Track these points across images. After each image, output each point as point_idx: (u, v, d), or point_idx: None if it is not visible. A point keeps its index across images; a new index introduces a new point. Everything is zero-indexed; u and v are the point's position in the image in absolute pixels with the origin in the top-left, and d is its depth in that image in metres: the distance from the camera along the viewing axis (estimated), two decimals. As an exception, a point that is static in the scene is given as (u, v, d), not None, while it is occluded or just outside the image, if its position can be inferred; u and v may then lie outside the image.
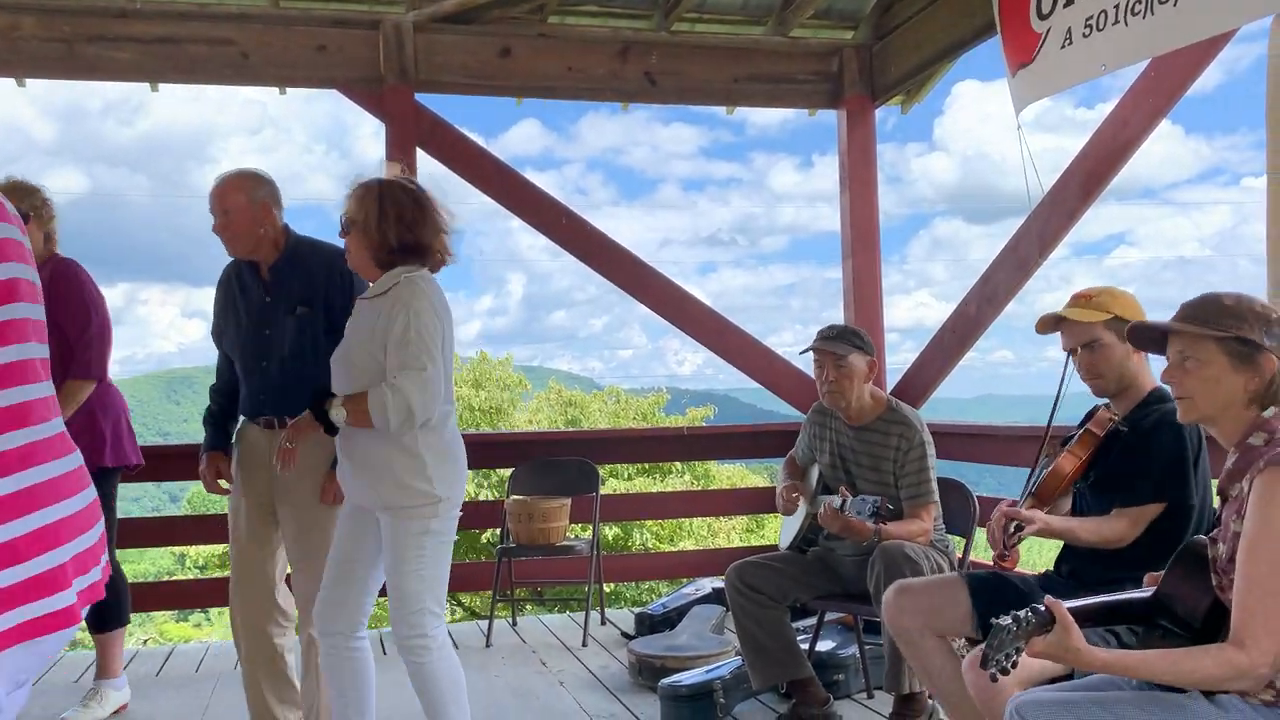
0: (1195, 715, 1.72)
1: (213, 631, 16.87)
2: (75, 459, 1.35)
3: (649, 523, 12.65)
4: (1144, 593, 1.96)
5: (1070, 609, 1.73)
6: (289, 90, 5.12)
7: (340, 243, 2.71)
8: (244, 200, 2.99)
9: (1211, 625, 1.79)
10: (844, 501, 3.12)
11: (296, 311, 2.99)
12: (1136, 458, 2.51)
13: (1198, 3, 2.91)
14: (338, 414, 2.54)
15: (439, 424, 2.61)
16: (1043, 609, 1.69)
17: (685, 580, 5.47)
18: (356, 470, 2.62)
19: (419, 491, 2.56)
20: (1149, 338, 1.99)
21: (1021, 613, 1.67)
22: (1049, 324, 2.65)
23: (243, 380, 3.09)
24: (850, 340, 3.33)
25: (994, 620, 1.65)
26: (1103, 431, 2.59)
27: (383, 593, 2.76)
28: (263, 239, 3.01)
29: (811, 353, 3.36)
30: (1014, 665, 1.66)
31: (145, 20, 4.67)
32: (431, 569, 2.61)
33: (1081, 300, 2.62)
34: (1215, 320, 1.82)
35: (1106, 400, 2.66)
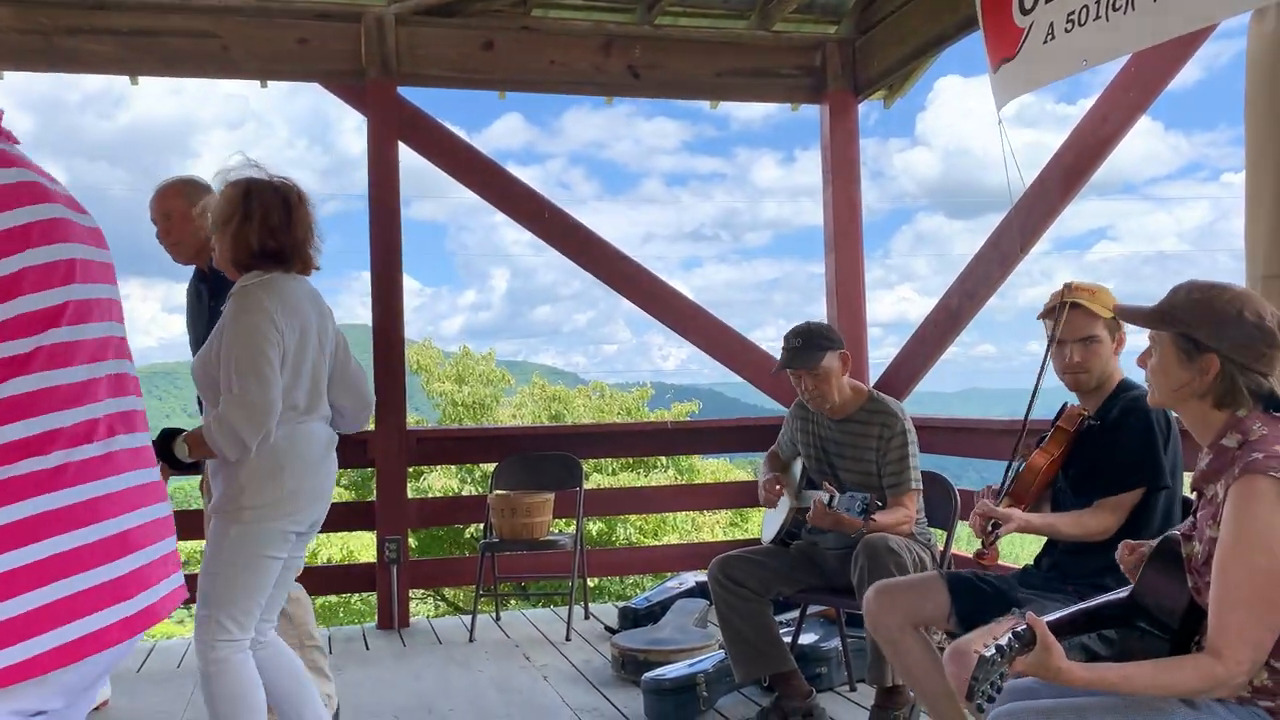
0: (1171, 715, 1.73)
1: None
2: (154, 472, 1.37)
3: (633, 517, 12.65)
4: (1120, 594, 1.97)
5: (1050, 622, 1.73)
6: (270, 84, 5.09)
7: None
8: (183, 206, 2.95)
9: (1189, 624, 1.80)
10: (832, 498, 3.11)
11: None
12: (1110, 447, 2.53)
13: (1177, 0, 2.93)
14: (181, 450, 2.47)
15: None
16: (1024, 630, 1.69)
17: (669, 574, 5.48)
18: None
19: (224, 494, 2.46)
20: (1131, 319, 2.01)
21: (1003, 640, 1.66)
22: (1056, 309, 2.61)
23: None
24: (817, 344, 3.30)
25: (979, 653, 1.65)
26: (1074, 428, 2.61)
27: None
28: (205, 246, 2.90)
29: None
30: (999, 691, 1.66)
31: (124, 12, 4.63)
32: (225, 577, 2.45)
33: (1085, 295, 2.62)
34: (1172, 314, 1.84)
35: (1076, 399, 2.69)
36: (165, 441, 2.49)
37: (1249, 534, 1.67)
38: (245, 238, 2.48)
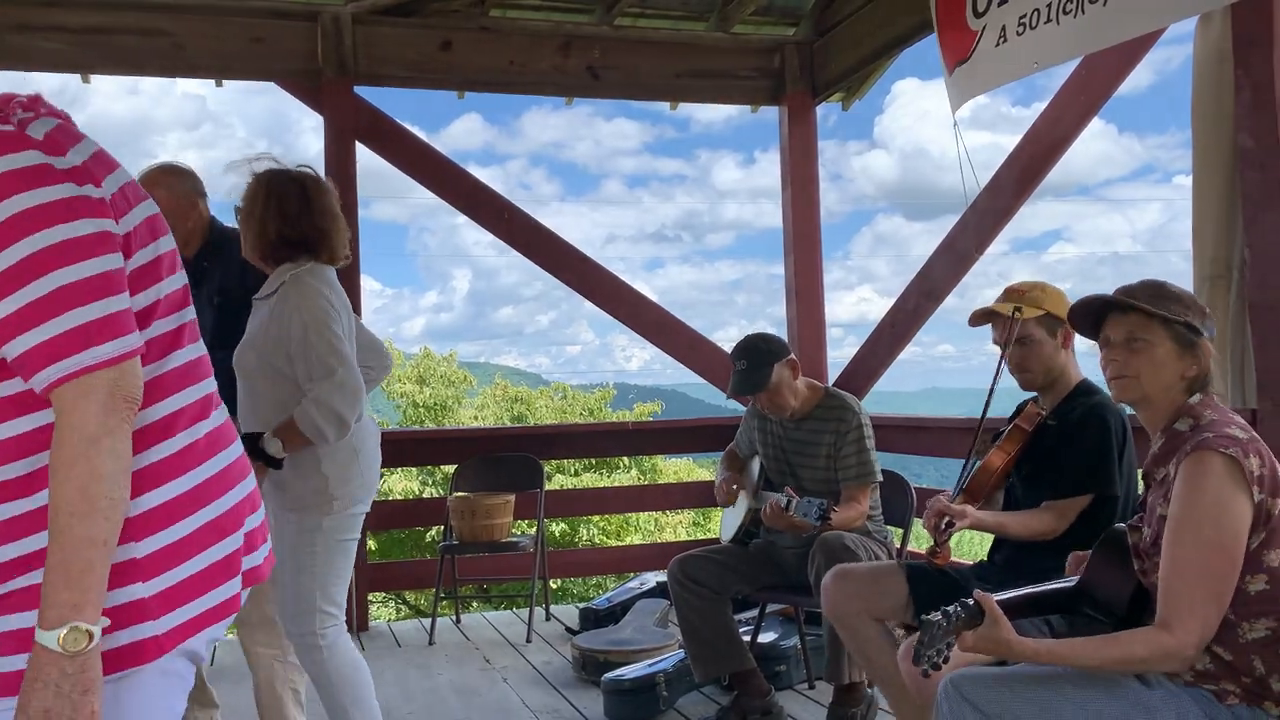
0: (1125, 688, 1.76)
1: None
2: (238, 447, 1.42)
3: (595, 518, 12.64)
4: (1069, 582, 2.00)
5: (999, 601, 1.76)
6: (228, 83, 5.04)
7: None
8: (164, 195, 2.93)
9: (1135, 611, 1.83)
10: (790, 501, 3.11)
11: (215, 301, 2.97)
12: (1064, 451, 2.56)
13: (1126, 3, 2.98)
14: (274, 446, 2.46)
15: None
16: (972, 603, 1.72)
17: (631, 575, 5.48)
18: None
19: (308, 489, 2.51)
20: (1088, 316, 1.99)
21: (951, 608, 1.69)
22: (980, 318, 2.70)
23: None
24: (762, 360, 3.30)
25: (924, 616, 1.68)
26: (1031, 426, 2.64)
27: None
28: (191, 233, 2.98)
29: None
30: (945, 660, 1.68)
31: (75, 9, 4.55)
32: (324, 567, 2.54)
33: (1014, 295, 2.66)
34: (1165, 304, 1.87)
35: (1035, 395, 2.71)
36: (250, 444, 2.47)
37: (1199, 509, 1.71)
38: (265, 226, 2.52)
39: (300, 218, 2.52)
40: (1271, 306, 2.72)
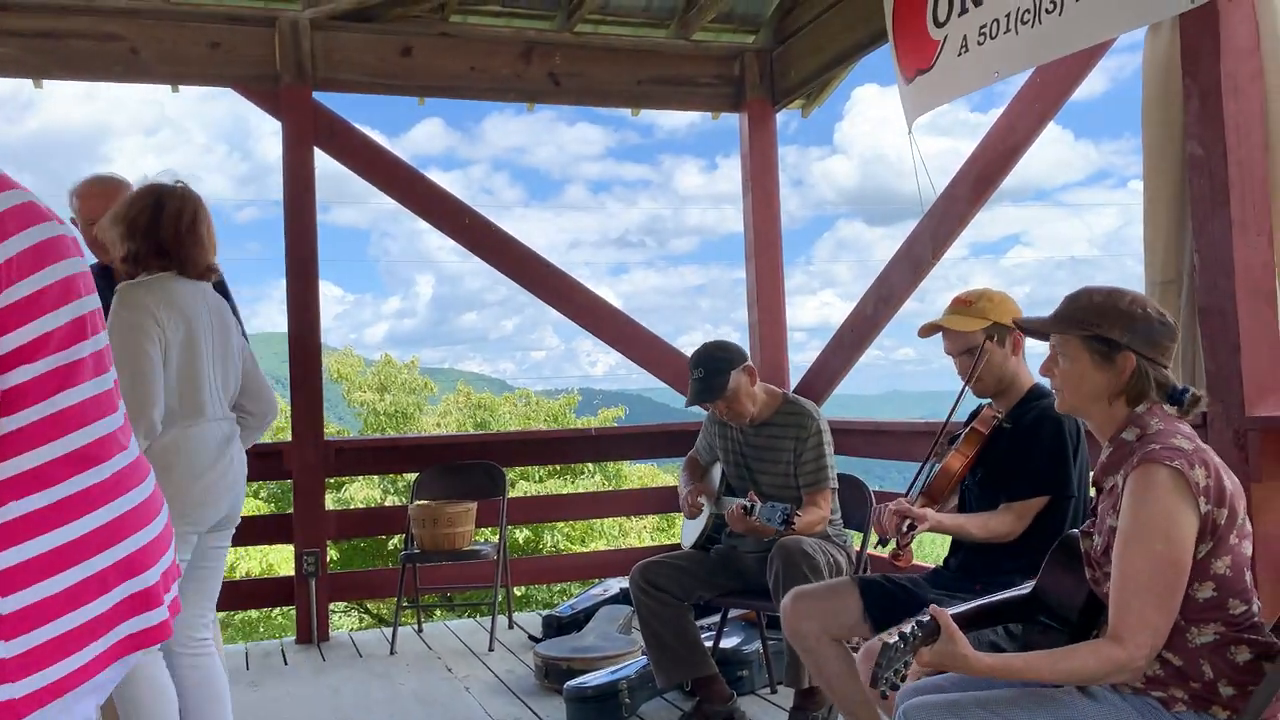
0: (1071, 708, 1.78)
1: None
2: (148, 485, 1.38)
3: (560, 524, 12.60)
4: (1023, 590, 2.02)
5: (954, 614, 1.77)
6: (185, 88, 4.98)
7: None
8: (103, 205, 2.93)
9: (1087, 618, 1.85)
10: (753, 506, 3.12)
11: None
12: (1020, 454, 2.59)
13: (1080, 13, 3.03)
14: None
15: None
16: (928, 620, 1.73)
17: (595, 581, 5.47)
18: None
19: None
20: (1033, 331, 2.05)
21: (908, 628, 1.70)
22: (929, 331, 2.72)
23: None
24: (719, 368, 3.32)
25: (883, 640, 1.68)
26: (987, 429, 2.67)
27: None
28: None
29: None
30: (903, 680, 1.70)
31: (27, 14, 4.49)
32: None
33: (961, 306, 2.69)
34: (1080, 318, 1.89)
35: (989, 399, 2.75)
36: None
37: (1147, 522, 1.73)
38: (133, 239, 2.53)
39: (164, 230, 2.54)
40: (1220, 311, 2.77)
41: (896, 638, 1.68)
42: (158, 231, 2.53)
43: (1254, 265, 2.75)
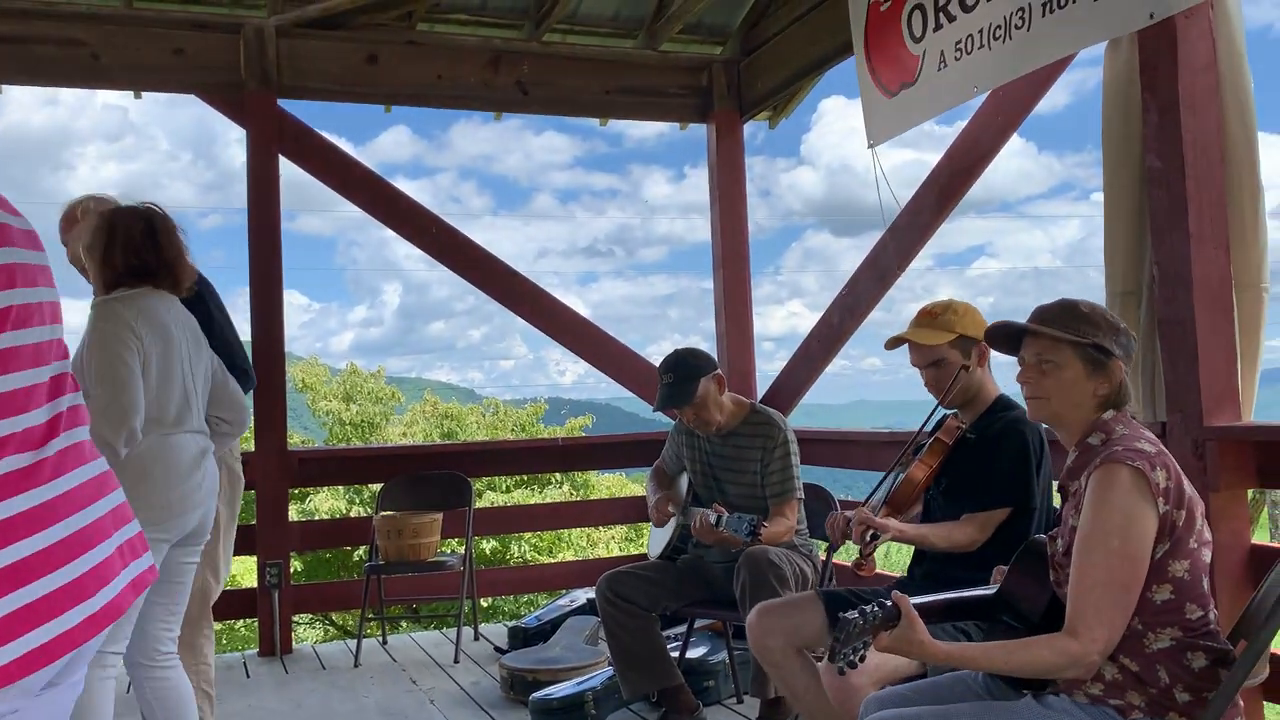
0: (1025, 714, 1.80)
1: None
2: (103, 462, 1.37)
3: (527, 535, 12.55)
4: (988, 590, 2.04)
5: (917, 604, 1.79)
6: (152, 95, 4.95)
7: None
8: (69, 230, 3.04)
9: (1050, 620, 1.87)
10: (720, 518, 3.12)
11: None
12: (983, 465, 2.61)
13: (1046, 28, 3.10)
14: None
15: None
16: (889, 604, 1.75)
17: (562, 592, 5.45)
18: None
19: None
20: (1005, 338, 2.05)
21: (868, 607, 1.72)
22: (896, 343, 2.74)
23: None
24: (689, 374, 3.34)
25: (841, 615, 1.70)
26: (951, 440, 2.69)
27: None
28: None
29: None
30: (861, 659, 1.71)
31: (-14, 18, 4.43)
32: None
33: (926, 319, 2.70)
34: (1074, 326, 1.91)
35: (954, 410, 2.76)
36: None
37: (1106, 519, 1.75)
38: (111, 260, 2.59)
39: (146, 247, 2.61)
40: (1179, 322, 2.81)
41: (856, 614, 1.70)
42: (136, 248, 2.60)
43: (1211, 278, 2.79)
